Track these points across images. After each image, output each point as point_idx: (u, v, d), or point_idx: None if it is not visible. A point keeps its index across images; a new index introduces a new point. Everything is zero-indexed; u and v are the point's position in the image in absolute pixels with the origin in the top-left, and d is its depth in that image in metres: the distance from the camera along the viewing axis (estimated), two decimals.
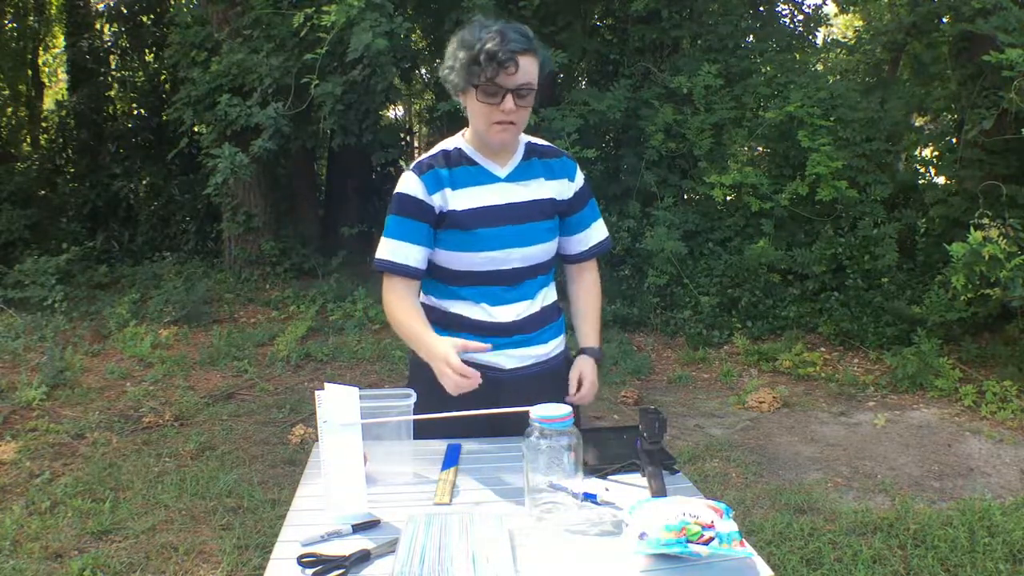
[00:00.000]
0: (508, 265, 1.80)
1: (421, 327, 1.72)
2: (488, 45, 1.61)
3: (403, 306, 1.76)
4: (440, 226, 1.77)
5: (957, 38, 6.61)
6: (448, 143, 1.82)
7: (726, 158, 7.32)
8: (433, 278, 1.86)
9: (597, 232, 1.96)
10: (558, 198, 1.85)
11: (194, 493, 3.56)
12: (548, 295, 1.93)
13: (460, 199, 1.75)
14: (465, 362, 1.84)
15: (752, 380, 5.41)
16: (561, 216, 1.88)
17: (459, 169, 1.77)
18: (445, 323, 1.84)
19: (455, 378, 1.59)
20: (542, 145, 1.89)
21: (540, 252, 1.84)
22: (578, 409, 1.79)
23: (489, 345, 1.68)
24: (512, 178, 1.80)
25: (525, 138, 1.87)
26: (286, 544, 1.35)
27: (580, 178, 1.90)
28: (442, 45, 7.87)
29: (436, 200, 1.74)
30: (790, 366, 5.59)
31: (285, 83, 6.74)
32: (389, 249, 1.76)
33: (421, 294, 1.88)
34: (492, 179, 1.78)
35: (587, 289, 1.99)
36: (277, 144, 6.85)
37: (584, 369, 1.87)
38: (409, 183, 1.75)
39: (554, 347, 1.94)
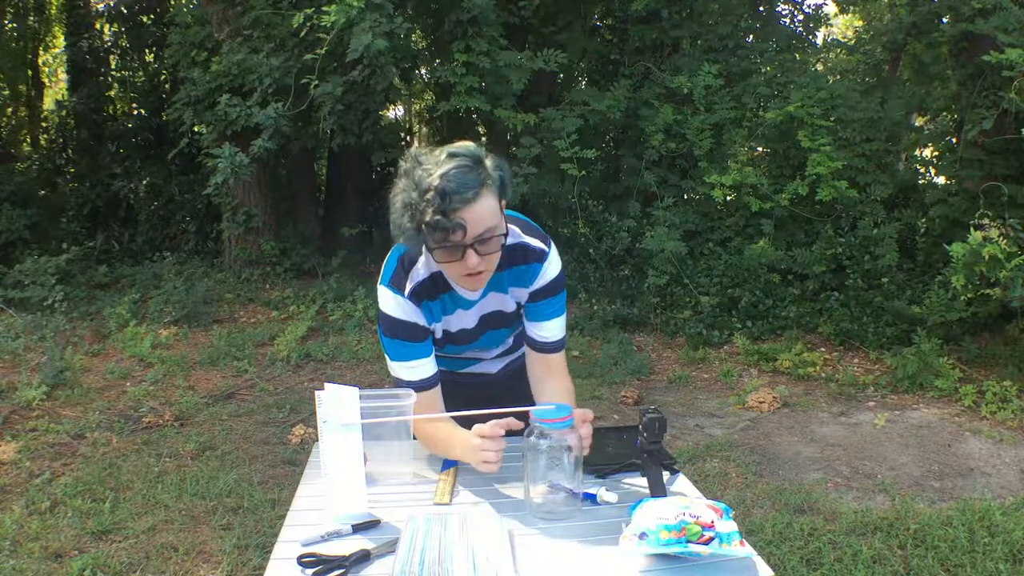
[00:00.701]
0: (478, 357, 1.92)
1: (450, 430, 1.68)
2: (427, 217, 1.42)
3: (434, 422, 1.73)
4: None
5: (957, 38, 6.60)
6: (428, 263, 1.66)
7: (726, 158, 7.33)
8: None
9: (555, 329, 1.78)
10: (521, 301, 1.77)
11: (194, 493, 3.56)
12: (518, 331, 1.91)
13: (448, 324, 1.76)
14: (454, 373, 1.92)
15: (752, 380, 5.41)
16: None
17: (445, 297, 1.71)
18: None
19: (481, 453, 1.54)
20: (511, 247, 1.65)
21: (513, 330, 1.89)
22: None
23: (513, 424, 1.56)
24: (484, 294, 1.73)
25: None
26: (286, 544, 1.35)
27: (545, 277, 1.72)
28: (442, 45, 7.91)
29: (432, 327, 1.73)
30: (790, 366, 5.59)
31: (285, 83, 6.74)
32: (404, 369, 1.72)
33: None
34: (468, 304, 1.74)
35: (561, 388, 1.79)
36: (277, 144, 6.85)
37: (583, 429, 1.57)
38: (405, 310, 1.66)
39: None
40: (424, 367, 1.72)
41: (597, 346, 6.21)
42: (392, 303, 1.66)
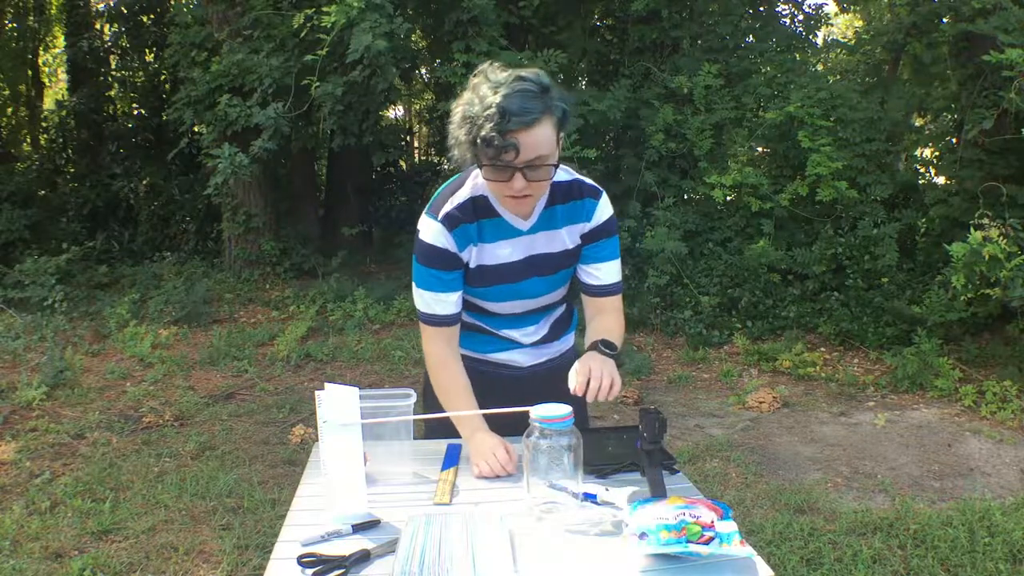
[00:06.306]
0: (523, 309, 1.82)
1: (465, 399, 1.70)
2: (484, 131, 1.44)
3: (449, 370, 1.74)
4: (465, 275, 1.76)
5: (957, 38, 6.60)
6: (473, 186, 1.67)
7: (726, 158, 7.32)
8: None
9: (610, 273, 1.79)
10: (572, 246, 1.75)
11: (194, 493, 3.56)
12: (559, 311, 1.93)
13: (484, 254, 1.71)
14: (481, 360, 1.86)
15: (752, 380, 5.41)
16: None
17: (485, 222, 1.68)
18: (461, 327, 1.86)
19: (488, 465, 1.59)
20: (567, 183, 1.70)
21: (556, 295, 1.84)
22: (583, 409, 1.78)
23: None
24: (535, 229, 1.70)
25: None
26: (286, 544, 1.35)
27: (600, 216, 1.73)
28: (442, 45, 7.90)
29: (465, 255, 1.70)
30: (790, 366, 5.59)
31: (285, 83, 6.74)
32: (427, 301, 1.71)
33: None
34: (515, 233, 1.70)
35: (607, 325, 1.78)
36: (277, 144, 6.85)
37: (591, 363, 1.59)
38: (437, 235, 1.66)
39: (570, 341, 1.99)
40: (446, 300, 1.70)
41: None
42: (428, 230, 1.66)
